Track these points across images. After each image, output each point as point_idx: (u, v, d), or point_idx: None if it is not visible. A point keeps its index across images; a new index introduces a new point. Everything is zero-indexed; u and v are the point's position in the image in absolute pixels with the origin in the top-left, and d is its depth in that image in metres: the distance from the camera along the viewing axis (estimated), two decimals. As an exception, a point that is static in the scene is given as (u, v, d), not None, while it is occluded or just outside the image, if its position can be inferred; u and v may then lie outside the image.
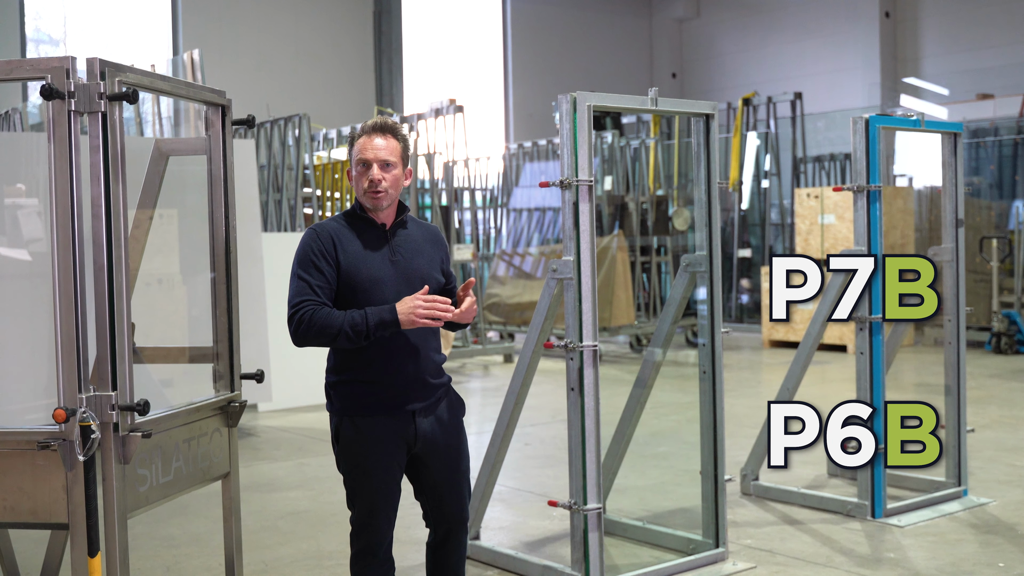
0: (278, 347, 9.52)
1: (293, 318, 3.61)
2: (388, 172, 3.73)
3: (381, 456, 3.72)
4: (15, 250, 7.02)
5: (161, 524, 6.04)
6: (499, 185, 17.46)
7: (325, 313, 3.59)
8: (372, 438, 3.72)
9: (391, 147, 3.73)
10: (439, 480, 3.88)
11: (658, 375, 5.72)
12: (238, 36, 18.41)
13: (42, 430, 3.30)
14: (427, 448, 3.82)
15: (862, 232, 5.96)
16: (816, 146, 19.60)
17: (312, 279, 3.66)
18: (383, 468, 3.72)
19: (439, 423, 3.84)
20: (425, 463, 3.85)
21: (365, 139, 3.75)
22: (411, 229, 3.87)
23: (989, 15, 19.59)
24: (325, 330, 3.58)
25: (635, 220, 14.74)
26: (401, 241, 3.81)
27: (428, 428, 3.80)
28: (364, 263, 3.72)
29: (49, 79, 3.22)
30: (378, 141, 3.73)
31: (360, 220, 3.79)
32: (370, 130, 3.76)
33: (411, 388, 3.75)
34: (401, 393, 3.74)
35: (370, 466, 3.72)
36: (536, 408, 9.57)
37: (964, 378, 6.48)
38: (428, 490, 3.90)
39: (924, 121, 6.28)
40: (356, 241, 3.75)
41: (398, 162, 3.75)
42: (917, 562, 5.24)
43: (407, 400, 3.75)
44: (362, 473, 3.74)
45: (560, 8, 22.81)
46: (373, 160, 3.71)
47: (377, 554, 3.78)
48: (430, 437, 3.81)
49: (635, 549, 5.51)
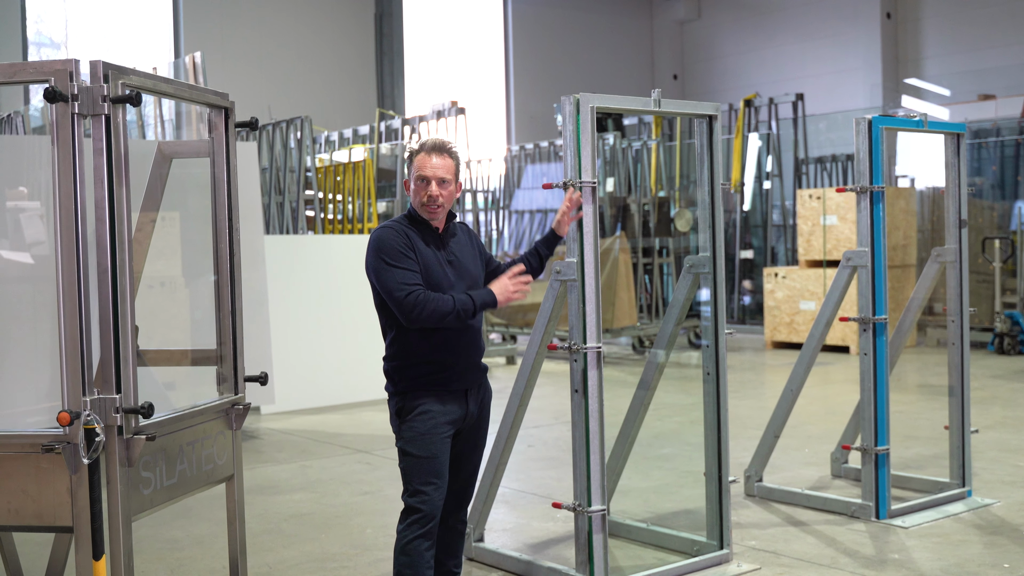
0: (280, 350, 9.53)
1: (407, 300, 3.96)
2: (445, 188, 4.10)
3: (441, 431, 4.09)
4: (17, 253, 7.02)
5: (164, 527, 6.03)
6: (501, 187, 17.47)
7: (436, 296, 3.99)
8: (434, 414, 4.08)
9: (447, 166, 4.11)
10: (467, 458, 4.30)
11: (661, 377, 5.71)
12: (239, 39, 18.42)
13: (46, 433, 3.29)
14: (469, 428, 4.25)
15: (865, 233, 5.95)
16: (818, 147, 19.60)
17: (409, 267, 4.02)
18: (440, 442, 4.09)
19: (481, 406, 4.28)
20: (461, 440, 4.25)
21: (424, 156, 4.10)
22: (458, 232, 4.29)
23: (991, 16, 19.59)
24: (439, 310, 3.97)
25: (637, 221, 14.73)
26: (453, 244, 4.21)
27: (475, 409, 4.23)
28: (427, 264, 4.10)
29: (53, 82, 3.21)
30: (436, 160, 4.09)
31: (420, 224, 4.15)
32: (430, 148, 4.11)
33: (468, 370, 4.17)
34: (461, 375, 4.14)
35: (430, 440, 4.07)
36: (538, 410, 9.56)
37: (968, 379, 6.47)
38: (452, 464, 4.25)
39: (927, 122, 6.28)
40: (419, 245, 4.11)
41: (452, 179, 4.13)
42: (922, 563, 5.23)
43: (464, 382, 4.16)
44: (422, 446, 4.06)
45: (561, 10, 22.81)
46: (432, 177, 4.08)
47: (427, 523, 4.05)
48: (473, 417, 4.23)
49: (639, 551, 5.51)
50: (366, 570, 5.25)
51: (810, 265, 14.36)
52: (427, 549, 4.04)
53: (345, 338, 10.19)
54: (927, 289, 6.66)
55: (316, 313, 10.05)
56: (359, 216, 12.59)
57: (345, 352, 10.23)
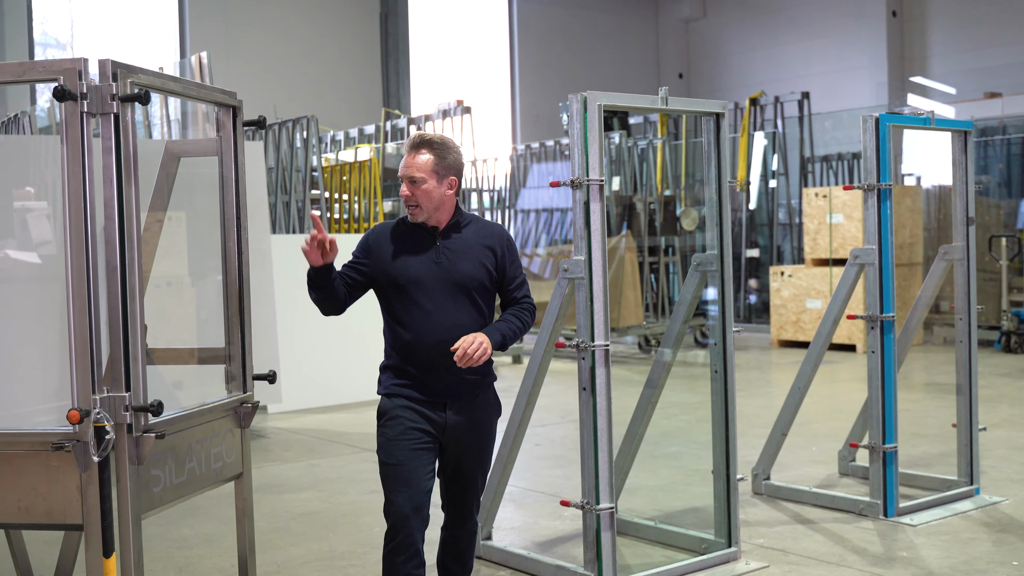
0: (288, 349, 9.54)
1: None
2: (417, 188, 3.93)
3: (409, 437, 3.92)
4: (24, 253, 7.03)
5: (172, 526, 6.04)
6: (506, 186, 17.47)
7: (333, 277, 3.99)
8: (403, 420, 3.94)
9: (419, 163, 3.93)
10: (455, 469, 4.07)
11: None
12: (244, 39, 18.44)
13: (56, 431, 3.29)
14: (452, 439, 4.00)
15: (873, 231, 5.95)
16: (823, 146, 19.58)
17: (351, 262, 4.04)
18: (408, 450, 3.91)
19: (469, 419, 4.02)
20: (446, 450, 4.03)
21: (405, 155, 3.99)
22: (467, 232, 4.05)
23: (997, 13, 19.56)
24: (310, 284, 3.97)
25: (643, 220, 14.72)
26: (450, 244, 4.00)
27: (457, 422, 3.99)
28: (406, 263, 3.96)
29: (62, 80, 3.21)
30: (409, 159, 3.97)
31: (413, 223, 4.02)
32: (408, 146, 4.01)
33: (446, 382, 3.95)
34: (435, 385, 3.95)
35: (396, 446, 3.92)
36: (545, 408, 9.56)
37: (976, 376, 6.45)
38: (442, 474, 4.09)
39: (934, 119, 6.27)
40: (404, 243, 3.99)
41: (427, 177, 3.92)
42: (930, 561, 5.23)
43: (441, 392, 3.96)
44: (389, 452, 3.94)
45: (566, 9, 22.81)
46: (403, 177, 3.97)
47: (397, 536, 3.88)
48: (457, 430, 3.99)
49: (647, 549, 5.51)
50: (375, 568, 5.25)
51: (816, 264, 14.35)
52: (403, 562, 3.88)
53: (352, 337, 10.19)
54: (934, 287, 6.65)
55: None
56: (365, 215, 12.60)
57: (352, 351, 10.23)
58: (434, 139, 3.99)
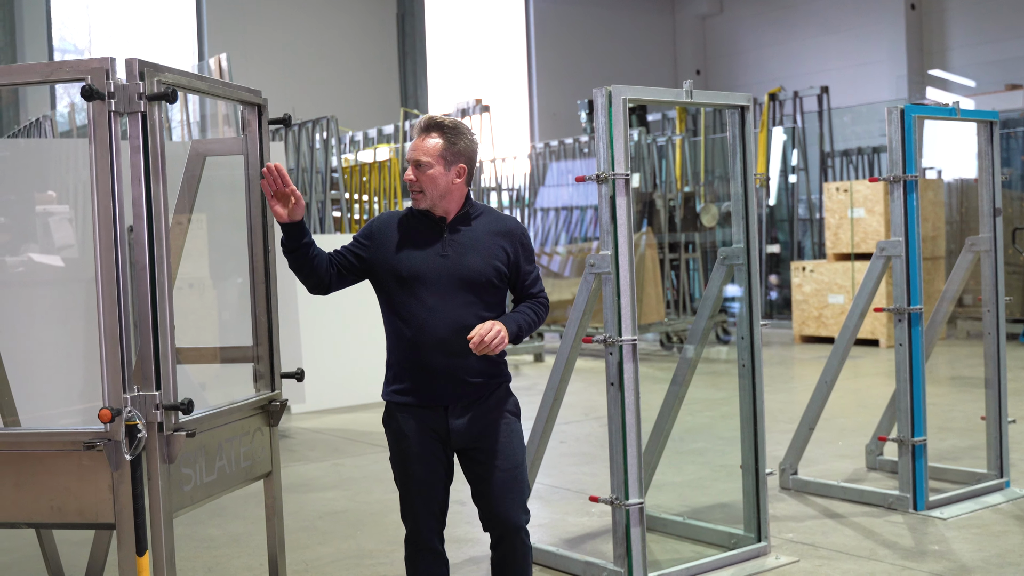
0: (311, 349, 9.55)
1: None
2: (422, 173, 3.71)
3: (413, 444, 3.81)
4: (47, 256, 7.06)
5: (200, 525, 6.05)
6: (525, 185, 17.44)
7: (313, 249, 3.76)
8: (405, 426, 3.82)
9: (427, 147, 3.72)
10: (483, 479, 3.83)
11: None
12: (262, 40, 18.48)
13: (88, 430, 3.30)
14: (464, 445, 3.82)
15: (899, 222, 5.92)
16: (843, 140, 19.48)
17: (350, 244, 3.84)
18: (415, 456, 3.81)
19: (474, 424, 3.80)
20: (468, 461, 3.86)
21: (415, 138, 3.78)
22: (478, 224, 3.82)
23: (1016, 4, 19.41)
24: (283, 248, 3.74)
25: (663, 217, 14.68)
26: (458, 236, 3.77)
27: (462, 426, 3.79)
28: (409, 256, 3.75)
29: (89, 80, 3.22)
30: (418, 141, 3.75)
31: (420, 214, 3.82)
32: (417, 128, 3.79)
33: (445, 385, 3.75)
34: (433, 388, 3.76)
35: (403, 453, 3.84)
36: (569, 406, 9.53)
37: (1004, 369, 6.41)
38: (473, 488, 3.89)
39: (960, 110, 6.22)
40: (409, 233, 3.78)
41: (434, 161, 3.70)
42: (962, 554, 5.19)
43: (439, 396, 3.77)
44: (396, 459, 3.88)
45: (583, 7, 22.77)
46: (409, 160, 3.75)
47: (417, 541, 3.89)
48: (465, 435, 3.80)
49: (676, 544, 5.48)
50: (403, 567, 5.23)
51: (838, 258, 14.28)
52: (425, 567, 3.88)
53: (374, 337, 10.13)
54: (961, 279, 6.60)
55: (345, 312, 10.05)
56: (385, 215, 12.58)
57: (375, 350, 10.19)
58: (445, 122, 3.76)
